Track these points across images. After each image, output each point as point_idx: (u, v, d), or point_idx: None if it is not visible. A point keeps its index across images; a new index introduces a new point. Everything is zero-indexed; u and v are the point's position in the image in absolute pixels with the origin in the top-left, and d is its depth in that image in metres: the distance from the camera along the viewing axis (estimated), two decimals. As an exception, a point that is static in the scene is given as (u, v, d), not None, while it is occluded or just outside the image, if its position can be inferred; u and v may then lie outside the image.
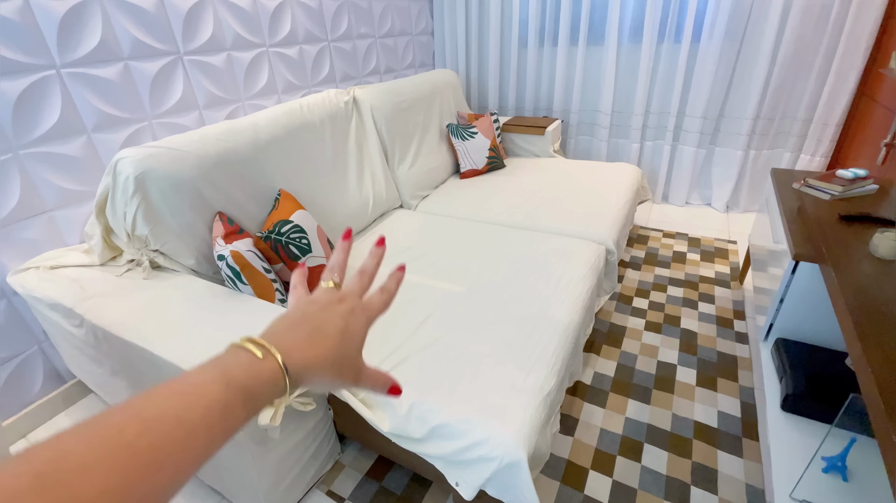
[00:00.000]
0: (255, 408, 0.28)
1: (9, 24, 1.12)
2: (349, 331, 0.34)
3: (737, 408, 1.33)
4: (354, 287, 0.38)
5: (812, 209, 1.28)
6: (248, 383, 0.27)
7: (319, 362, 0.32)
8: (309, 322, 0.33)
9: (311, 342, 0.32)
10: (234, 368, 0.28)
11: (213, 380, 0.26)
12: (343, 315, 0.35)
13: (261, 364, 0.29)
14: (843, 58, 2.04)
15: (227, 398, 0.26)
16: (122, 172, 1.10)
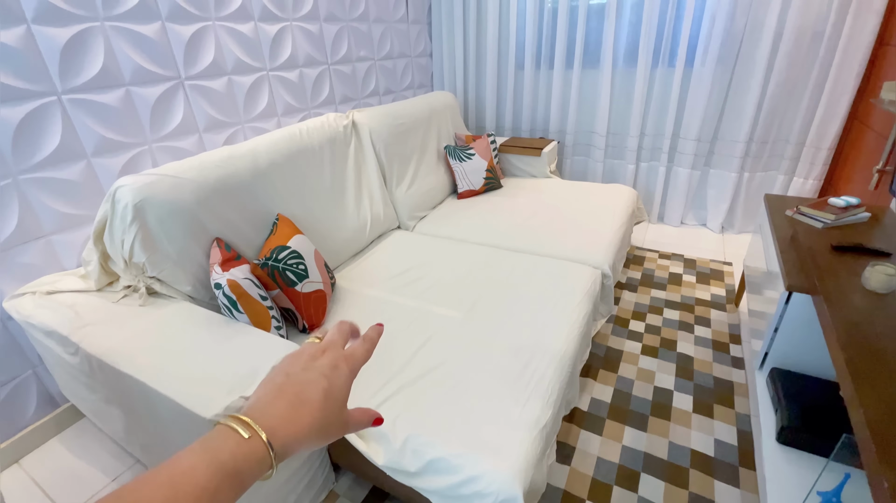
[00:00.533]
0: (242, 487, 0.29)
1: (11, 51, 1.14)
2: (332, 391, 0.34)
3: (733, 437, 1.32)
4: (335, 337, 0.39)
5: (805, 238, 1.29)
6: (235, 466, 0.28)
7: (304, 433, 0.32)
8: (291, 388, 0.33)
9: (296, 414, 0.32)
10: (223, 452, 0.28)
11: (202, 466, 0.27)
12: (325, 372, 0.35)
13: (247, 444, 0.29)
14: (835, 83, 2.08)
15: (216, 484, 0.27)
16: (120, 200, 1.11)
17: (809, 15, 2.05)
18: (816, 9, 2.03)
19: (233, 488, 0.28)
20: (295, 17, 1.87)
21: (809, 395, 1.11)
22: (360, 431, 0.98)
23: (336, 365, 0.36)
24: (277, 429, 0.31)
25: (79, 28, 1.26)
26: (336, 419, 0.34)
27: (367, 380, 1.10)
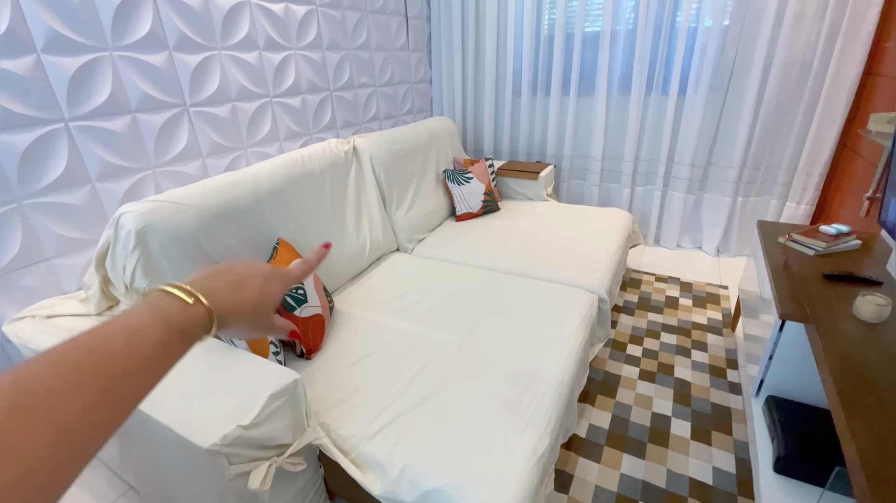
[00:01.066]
0: (189, 344, 0.33)
1: (20, 80, 1.17)
2: (267, 291, 0.40)
3: (731, 464, 1.32)
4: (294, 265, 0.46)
5: (797, 265, 1.31)
6: (183, 326, 0.32)
7: (238, 311, 0.37)
8: (232, 276, 0.38)
9: (233, 294, 0.37)
10: (171, 314, 0.32)
11: (155, 322, 0.31)
12: (264, 275, 0.40)
13: (191, 309, 0.33)
14: (824, 112, 2.14)
15: (168, 338, 0.31)
16: (123, 226, 1.12)
17: (797, 46, 2.11)
18: (804, 40, 2.10)
19: (182, 344, 0.32)
20: (299, 46, 1.93)
21: (805, 424, 1.12)
22: (356, 459, 0.98)
23: (274, 273, 0.42)
24: (217, 299, 0.35)
25: (88, 57, 1.29)
26: (265, 314, 0.40)
27: (365, 407, 1.10)
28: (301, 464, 0.97)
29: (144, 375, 0.29)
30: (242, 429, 0.85)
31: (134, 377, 0.28)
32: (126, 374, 0.27)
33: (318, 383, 1.20)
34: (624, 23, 2.41)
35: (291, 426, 0.96)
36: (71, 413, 0.24)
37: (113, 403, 0.26)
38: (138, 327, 0.30)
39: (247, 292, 0.38)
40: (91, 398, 0.25)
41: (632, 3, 2.37)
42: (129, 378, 0.28)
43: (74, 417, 0.24)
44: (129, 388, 0.27)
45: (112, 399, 0.26)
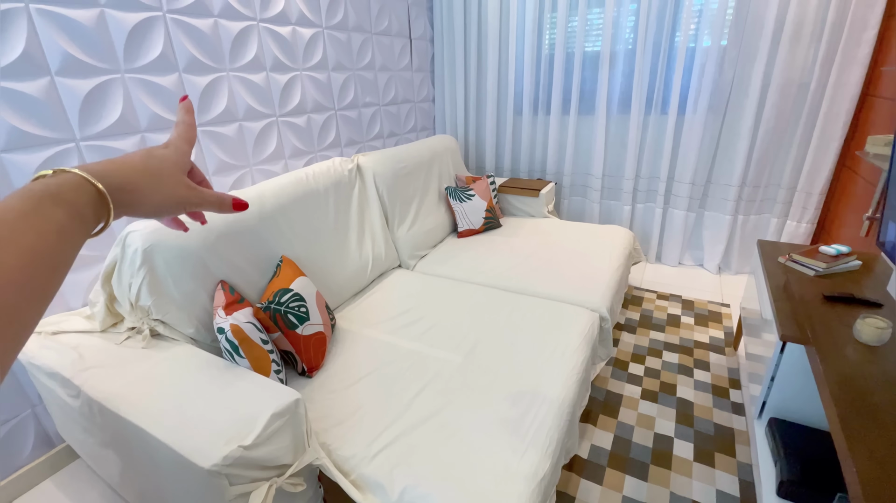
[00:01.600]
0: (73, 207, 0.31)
1: (33, 101, 1.20)
2: (154, 155, 0.38)
3: (735, 487, 1.31)
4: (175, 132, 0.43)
5: (797, 286, 1.31)
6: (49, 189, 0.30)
7: (125, 172, 0.35)
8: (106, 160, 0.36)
9: (110, 162, 0.35)
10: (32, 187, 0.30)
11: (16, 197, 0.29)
12: (144, 150, 0.39)
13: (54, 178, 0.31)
14: (823, 132, 2.16)
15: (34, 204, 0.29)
16: (130, 245, 1.14)
17: (795, 67, 2.15)
18: (801, 62, 2.14)
19: (58, 206, 0.30)
20: (305, 67, 1.97)
21: (809, 448, 1.11)
22: (357, 480, 0.98)
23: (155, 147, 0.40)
24: (89, 167, 0.33)
25: (100, 80, 1.33)
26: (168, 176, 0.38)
27: (365, 426, 1.10)
28: (301, 484, 0.97)
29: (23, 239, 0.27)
30: (244, 450, 0.85)
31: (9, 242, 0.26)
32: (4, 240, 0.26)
33: (319, 402, 1.20)
34: (623, 43, 2.46)
35: (292, 446, 0.96)
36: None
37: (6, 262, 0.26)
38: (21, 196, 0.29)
39: (130, 157, 0.37)
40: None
41: (631, 24, 2.42)
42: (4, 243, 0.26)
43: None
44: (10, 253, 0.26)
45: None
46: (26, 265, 0.27)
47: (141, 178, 0.36)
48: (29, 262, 0.27)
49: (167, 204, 0.38)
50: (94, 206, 0.32)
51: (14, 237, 0.27)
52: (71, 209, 0.31)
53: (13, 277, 0.26)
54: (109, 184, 0.33)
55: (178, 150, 0.41)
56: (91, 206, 0.32)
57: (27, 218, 0.28)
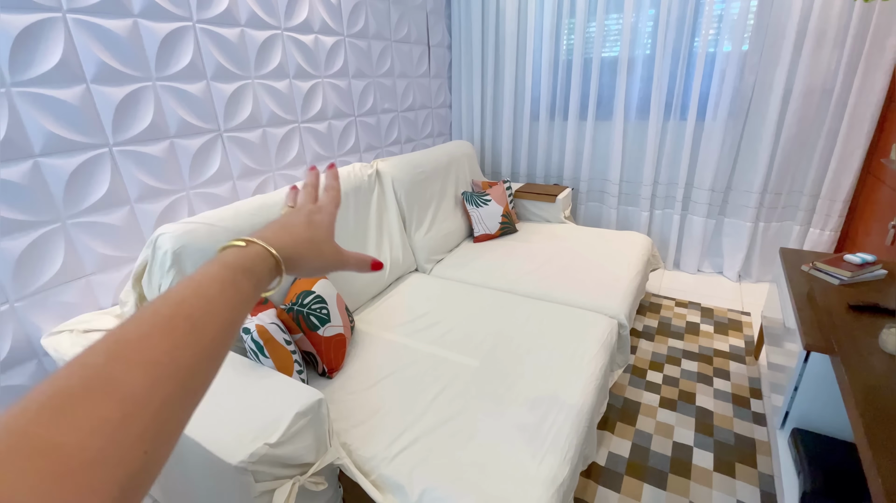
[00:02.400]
0: (258, 279, 0.35)
1: (70, 108, 1.25)
2: (313, 223, 0.43)
3: (756, 498, 1.29)
4: (304, 198, 0.47)
5: (821, 295, 1.30)
6: (243, 264, 0.34)
7: (295, 242, 0.39)
8: (276, 224, 0.41)
9: (283, 231, 0.40)
10: (227, 258, 0.34)
11: (217, 268, 0.33)
12: (304, 215, 0.44)
13: (246, 249, 0.35)
14: (846, 139, 2.12)
15: (232, 275, 0.32)
16: (161, 247, 1.18)
17: (818, 73, 2.12)
18: (825, 67, 2.11)
19: (248, 279, 0.33)
20: (326, 75, 2.01)
21: (833, 459, 1.09)
22: (377, 481, 0.99)
23: (313, 211, 0.45)
24: (269, 238, 0.37)
25: (133, 87, 1.37)
26: (324, 242, 0.43)
27: (385, 428, 1.12)
28: (323, 483, 0.99)
29: (220, 313, 0.30)
30: (269, 447, 0.87)
31: (211, 315, 0.29)
32: (203, 314, 0.29)
33: (340, 403, 1.22)
34: (642, 48, 2.45)
35: (314, 445, 0.98)
36: (161, 351, 0.26)
37: (198, 341, 0.28)
38: (202, 274, 0.32)
39: (293, 227, 0.41)
40: (175, 337, 0.27)
41: (649, 29, 2.41)
42: (207, 317, 0.29)
43: (164, 355, 0.26)
44: (209, 327, 0.29)
45: (195, 337, 0.28)
46: (221, 337, 0.30)
47: (305, 248, 0.40)
48: (223, 334, 0.30)
49: (321, 268, 0.43)
50: (271, 274, 0.37)
51: (216, 311, 0.30)
52: (256, 280, 0.35)
53: (212, 350, 0.29)
54: (283, 254, 0.38)
55: (330, 215, 0.46)
56: (269, 274, 0.36)
57: (225, 292, 0.31)
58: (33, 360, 1.30)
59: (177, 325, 0.27)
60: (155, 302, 0.29)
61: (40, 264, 1.26)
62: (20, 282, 1.23)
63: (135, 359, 0.25)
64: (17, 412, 0.21)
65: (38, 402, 0.21)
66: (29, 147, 1.19)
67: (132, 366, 0.24)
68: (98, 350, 0.25)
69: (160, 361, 0.25)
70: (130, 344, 0.25)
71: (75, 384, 0.22)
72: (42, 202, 1.23)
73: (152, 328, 0.27)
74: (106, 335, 0.26)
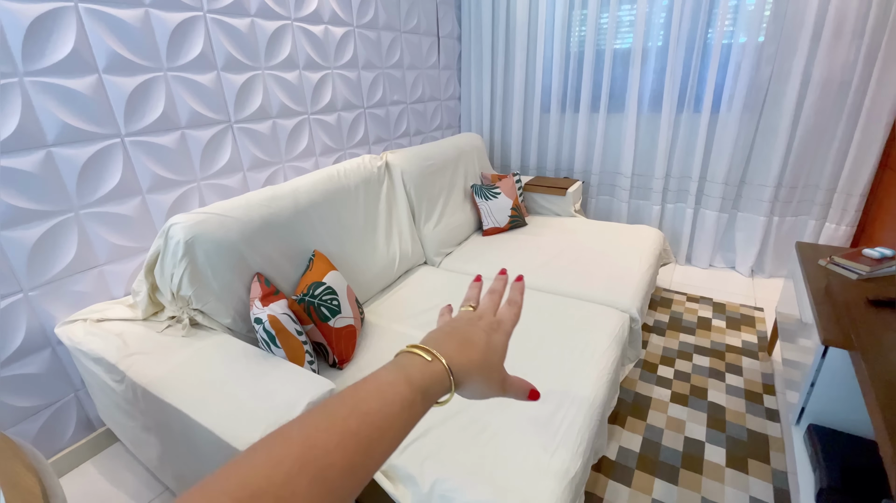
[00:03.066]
0: (429, 402, 0.34)
1: (83, 98, 1.25)
2: (492, 344, 0.40)
3: (770, 495, 1.27)
4: (487, 305, 0.45)
5: (839, 290, 1.27)
6: (424, 383, 0.34)
7: (473, 366, 0.38)
8: (459, 335, 0.40)
9: (464, 350, 0.38)
10: (414, 371, 0.34)
11: (401, 381, 0.33)
12: (485, 330, 0.41)
13: (431, 366, 0.35)
14: (864, 131, 2.08)
15: (413, 396, 0.32)
16: (173, 237, 1.18)
17: (836, 65, 2.07)
18: (843, 59, 2.06)
19: (423, 402, 0.33)
20: (336, 66, 2.00)
21: (850, 455, 1.07)
22: (388, 471, 0.99)
23: (493, 328, 0.42)
24: (451, 356, 0.36)
25: (144, 77, 1.37)
26: (497, 368, 0.40)
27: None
28: (334, 473, 0.99)
29: (393, 435, 0.30)
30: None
31: (385, 437, 0.30)
32: (380, 435, 0.29)
33: (350, 394, 1.22)
34: (655, 39, 2.41)
35: (326, 435, 0.98)
36: (337, 470, 0.26)
37: (365, 463, 0.28)
38: (389, 384, 0.32)
39: (474, 346, 0.39)
40: (351, 458, 0.27)
41: (662, 20, 2.37)
42: (382, 438, 0.29)
43: (338, 475, 0.26)
44: (380, 449, 0.29)
45: (366, 459, 0.28)
46: (383, 459, 0.30)
47: (477, 372, 0.39)
48: (385, 456, 0.30)
49: (482, 395, 0.41)
50: (442, 393, 0.36)
51: (392, 433, 0.30)
52: (428, 404, 0.34)
53: (374, 470, 0.29)
54: (457, 377, 0.37)
55: (507, 335, 0.43)
56: (440, 394, 0.36)
57: (403, 412, 0.31)
58: (47, 349, 1.32)
59: (357, 444, 0.28)
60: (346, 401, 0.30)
61: (54, 254, 1.27)
62: (34, 272, 1.24)
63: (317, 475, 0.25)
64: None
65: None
66: (42, 137, 1.20)
67: (313, 483, 0.25)
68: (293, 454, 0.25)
69: (334, 481, 0.26)
70: (317, 457, 0.26)
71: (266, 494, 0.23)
72: (55, 192, 1.24)
73: (338, 442, 0.27)
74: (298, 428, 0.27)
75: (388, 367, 0.34)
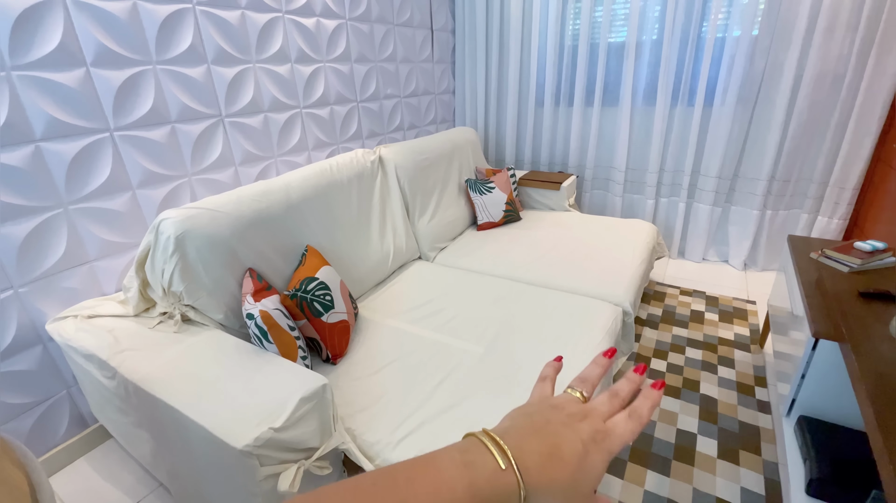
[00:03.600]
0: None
1: (70, 92, 1.23)
2: (588, 462, 0.31)
3: (760, 485, 1.29)
4: (602, 408, 0.34)
5: (830, 282, 1.28)
6: (487, 495, 0.28)
7: (553, 487, 0.30)
8: (550, 435, 0.31)
9: (550, 463, 0.30)
10: (481, 477, 0.28)
11: (462, 485, 0.28)
12: (584, 439, 0.31)
13: (503, 476, 0.28)
14: (857, 125, 2.08)
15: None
16: (163, 232, 1.17)
17: (829, 58, 2.07)
18: (837, 52, 2.06)
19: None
20: (328, 59, 1.99)
21: (840, 447, 1.09)
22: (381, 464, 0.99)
23: (596, 439, 0.32)
24: (531, 470, 0.29)
25: (133, 71, 1.36)
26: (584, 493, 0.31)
27: (389, 414, 1.12)
28: (327, 467, 0.99)
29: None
30: (274, 432, 0.87)
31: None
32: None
33: (344, 389, 1.22)
34: (649, 33, 2.41)
35: (319, 430, 0.98)
36: None
37: None
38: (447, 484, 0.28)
39: (564, 465, 0.30)
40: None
41: (657, 13, 2.36)
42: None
43: None
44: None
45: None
46: None
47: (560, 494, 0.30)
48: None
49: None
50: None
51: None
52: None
53: None
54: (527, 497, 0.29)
55: (611, 455, 0.32)
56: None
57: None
58: (38, 346, 1.31)
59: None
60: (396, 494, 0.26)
61: (43, 250, 1.25)
62: (24, 268, 1.23)
63: None
64: None
65: None
66: (30, 131, 1.18)
67: None
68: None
69: None
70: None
71: None
72: (44, 187, 1.22)
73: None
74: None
75: (452, 456, 0.29)
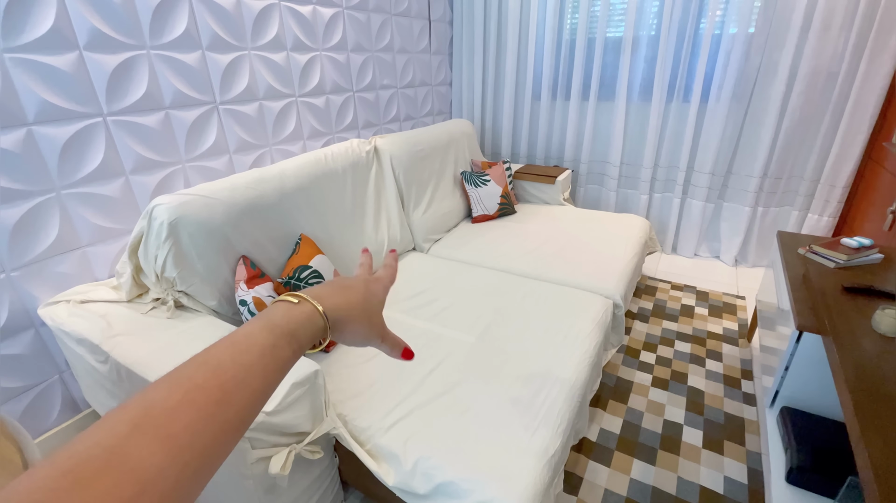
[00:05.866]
0: (300, 344, 0.34)
1: (63, 75, 1.22)
2: (370, 290, 0.43)
3: (744, 475, 1.32)
4: (362, 270, 0.49)
5: (816, 277, 1.30)
6: (289, 326, 0.33)
7: (352, 308, 0.39)
8: (336, 283, 0.41)
9: (341, 293, 0.39)
10: (275, 317, 0.34)
11: (260, 329, 0.32)
12: (364, 279, 0.44)
13: (296, 308, 0.35)
14: (849, 123, 2.11)
15: (273, 340, 0.32)
16: (157, 218, 1.17)
17: (824, 56, 2.09)
18: (831, 50, 2.08)
19: (289, 344, 0.33)
20: (324, 48, 1.98)
21: (820, 436, 1.11)
22: (372, 450, 1.01)
23: (373, 278, 0.45)
24: (324, 297, 0.37)
25: (127, 55, 1.35)
26: (376, 313, 0.42)
27: (380, 400, 1.13)
28: (318, 452, 1.00)
29: (253, 382, 0.29)
30: (266, 415, 0.89)
31: (243, 385, 0.28)
32: (236, 383, 0.28)
33: (336, 375, 1.23)
34: (646, 28, 2.41)
35: (311, 415, 0.99)
36: (183, 425, 0.25)
37: (224, 412, 0.27)
38: (245, 335, 0.31)
39: (354, 291, 0.40)
40: (202, 410, 0.26)
41: (655, 9, 2.37)
42: (239, 386, 0.28)
43: (186, 429, 0.25)
44: (239, 396, 0.28)
45: (223, 408, 0.27)
46: (249, 408, 0.29)
47: (358, 316, 0.40)
48: (251, 405, 0.29)
49: (364, 338, 0.42)
50: (314, 337, 0.36)
51: (249, 380, 0.29)
52: (298, 346, 0.34)
53: (236, 422, 0.28)
54: (334, 318, 0.37)
55: (385, 288, 0.46)
56: (313, 337, 0.35)
57: (263, 358, 0.31)
58: (30, 330, 1.31)
59: (207, 396, 0.27)
60: (194, 361, 0.29)
61: (35, 234, 1.25)
62: (16, 252, 1.22)
63: (157, 433, 0.24)
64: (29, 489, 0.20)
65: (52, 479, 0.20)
66: (22, 115, 1.17)
67: (153, 440, 0.23)
68: (126, 418, 0.24)
69: (178, 437, 0.24)
70: (155, 416, 0.25)
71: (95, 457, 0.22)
72: (36, 171, 1.22)
73: (182, 398, 0.26)
74: (138, 398, 0.25)
75: (251, 320, 0.33)
